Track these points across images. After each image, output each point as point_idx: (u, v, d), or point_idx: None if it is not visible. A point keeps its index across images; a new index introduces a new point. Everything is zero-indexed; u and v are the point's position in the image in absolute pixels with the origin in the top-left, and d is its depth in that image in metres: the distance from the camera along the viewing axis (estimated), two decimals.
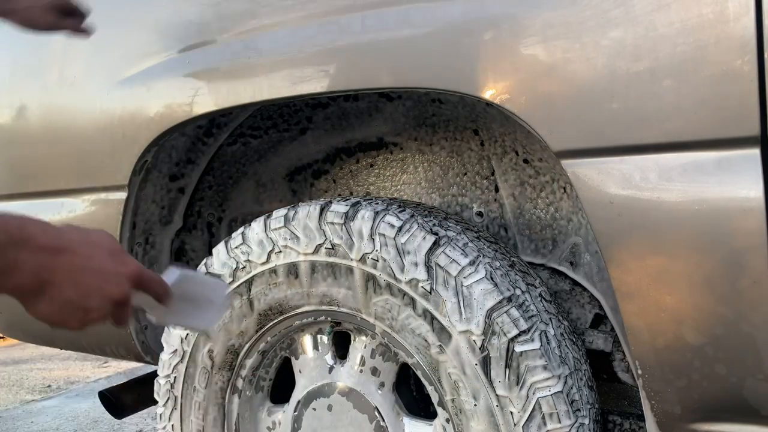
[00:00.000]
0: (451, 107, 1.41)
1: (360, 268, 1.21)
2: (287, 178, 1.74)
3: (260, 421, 1.48)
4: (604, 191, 1.01)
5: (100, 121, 1.53)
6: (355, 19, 1.20)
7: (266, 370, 1.47)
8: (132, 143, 1.50)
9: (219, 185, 1.77)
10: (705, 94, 0.93)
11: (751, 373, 0.96)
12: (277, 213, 1.32)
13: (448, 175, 1.54)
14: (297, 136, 1.65)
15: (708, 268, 0.95)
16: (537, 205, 1.43)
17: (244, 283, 1.35)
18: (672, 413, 1.05)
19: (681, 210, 0.96)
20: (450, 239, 1.17)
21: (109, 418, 3.15)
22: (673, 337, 1.00)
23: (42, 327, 1.99)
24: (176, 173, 1.67)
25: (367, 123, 1.56)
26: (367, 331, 1.32)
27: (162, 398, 1.50)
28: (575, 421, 1.12)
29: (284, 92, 1.30)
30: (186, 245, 1.81)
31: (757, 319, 0.93)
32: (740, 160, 0.92)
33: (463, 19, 1.10)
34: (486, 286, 1.12)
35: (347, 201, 1.27)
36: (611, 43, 0.98)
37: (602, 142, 1.01)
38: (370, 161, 1.64)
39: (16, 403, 3.72)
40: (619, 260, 1.02)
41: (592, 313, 1.40)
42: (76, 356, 4.64)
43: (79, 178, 1.63)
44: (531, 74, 1.05)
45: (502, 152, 1.45)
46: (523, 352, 1.10)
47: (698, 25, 0.92)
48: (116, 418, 1.90)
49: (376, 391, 1.32)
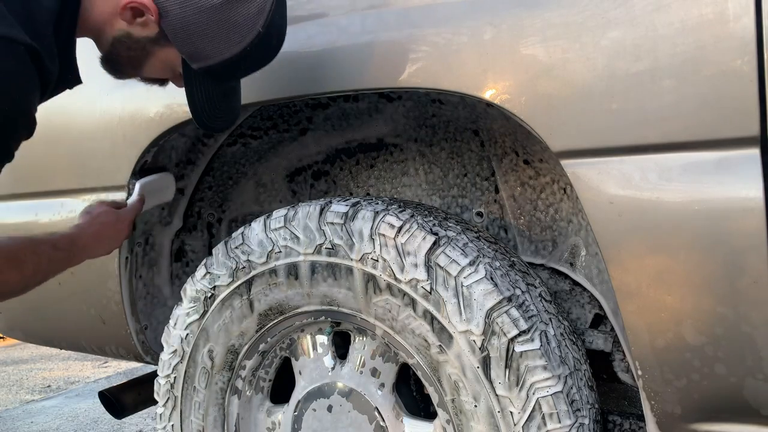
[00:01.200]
0: (451, 108, 1.41)
1: (360, 269, 1.21)
2: (287, 179, 1.74)
3: (260, 422, 1.48)
4: (604, 191, 1.01)
5: (100, 121, 1.53)
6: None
7: (266, 370, 1.47)
8: (132, 143, 1.50)
9: (219, 186, 1.77)
10: (705, 94, 0.93)
11: (751, 373, 0.96)
12: (277, 213, 1.32)
13: (448, 176, 1.54)
14: (297, 136, 1.65)
15: (708, 268, 0.95)
16: (537, 206, 1.43)
17: (244, 283, 1.35)
18: (672, 413, 1.05)
19: (681, 210, 0.96)
20: (450, 239, 1.17)
21: (109, 418, 3.15)
22: (673, 337, 1.00)
23: (42, 327, 1.97)
24: (176, 174, 1.67)
25: (367, 124, 1.56)
26: (367, 332, 1.32)
27: (162, 398, 1.50)
28: (575, 421, 1.12)
29: (282, 93, 1.31)
30: (186, 246, 1.81)
31: (757, 319, 0.94)
32: (740, 160, 0.92)
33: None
34: (486, 287, 1.12)
35: (347, 201, 1.27)
36: (611, 44, 0.98)
37: (602, 142, 1.01)
38: (371, 162, 1.64)
39: (16, 403, 3.72)
40: (619, 260, 1.02)
41: (592, 313, 1.40)
42: (76, 356, 4.64)
43: (79, 178, 1.63)
44: (530, 74, 1.05)
45: (503, 153, 1.45)
46: (523, 352, 1.10)
47: (698, 25, 0.93)
48: (116, 418, 1.90)
49: (376, 391, 1.32)
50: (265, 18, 1.03)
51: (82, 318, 1.72)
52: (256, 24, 1.02)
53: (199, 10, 1.00)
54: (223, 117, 1.20)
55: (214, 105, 1.14)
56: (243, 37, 1.03)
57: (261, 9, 1.03)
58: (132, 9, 1.03)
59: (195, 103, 1.13)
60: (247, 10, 1.01)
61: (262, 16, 1.03)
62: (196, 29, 1.02)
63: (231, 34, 1.02)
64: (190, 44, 1.04)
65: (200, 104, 1.13)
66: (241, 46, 1.04)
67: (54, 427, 3.24)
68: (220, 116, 1.18)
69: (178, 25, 1.02)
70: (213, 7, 1.00)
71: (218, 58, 1.04)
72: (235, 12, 1.01)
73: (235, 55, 1.04)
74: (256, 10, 1.02)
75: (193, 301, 1.42)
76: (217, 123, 1.20)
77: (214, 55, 1.04)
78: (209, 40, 1.02)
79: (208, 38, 1.02)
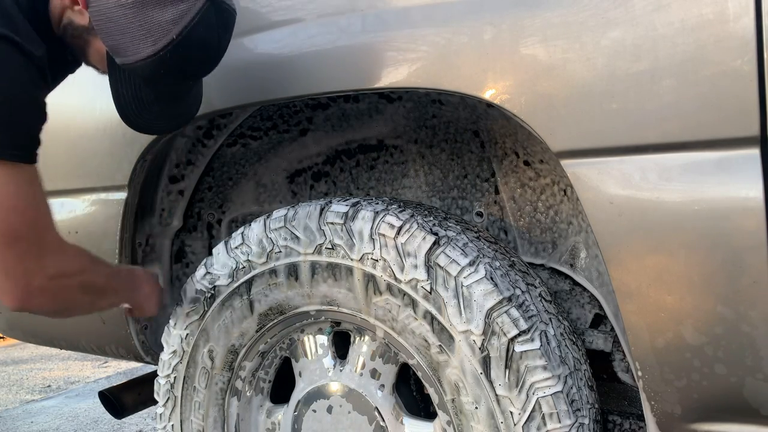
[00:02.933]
0: (451, 109, 1.41)
1: (360, 269, 1.21)
2: (287, 180, 1.74)
3: (260, 422, 1.48)
4: (604, 191, 1.00)
5: (100, 120, 1.53)
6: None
7: (266, 370, 1.46)
8: (132, 143, 1.50)
9: (219, 186, 1.77)
10: (705, 94, 0.93)
11: (751, 373, 0.96)
12: (277, 213, 1.32)
13: (448, 178, 1.54)
14: (297, 137, 1.65)
15: (708, 268, 0.95)
16: (537, 208, 1.43)
17: (244, 283, 1.35)
18: (672, 413, 1.05)
19: (681, 210, 0.96)
20: (450, 239, 1.17)
21: (109, 418, 3.15)
22: (673, 337, 1.00)
23: (42, 327, 1.97)
24: (176, 175, 1.67)
25: (367, 125, 1.56)
26: (367, 332, 1.32)
27: (162, 398, 1.50)
28: (575, 421, 1.12)
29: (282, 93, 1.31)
30: (186, 246, 1.81)
31: (757, 319, 0.93)
32: (740, 160, 0.92)
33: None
34: (486, 287, 1.12)
35: (347, 201, 1.27)
36: (611, 44, 0.98)
37: (602, 142, 1.01)
38: (371, 164, 1.64)
39: (16, 403, 3.72)
40: (619, 260, 1.02)
41: (592, 313, 1.40)
42: (76, 356, 4.65)
43: (79, 178, 1.63)
44: (530, 74, 1.05)
45: (503, 154, 1.45)
46: (523, 352, 1.10)
47: (698, 25, 0.93)
48: (116, 418, 1.90)
49: (376, 391, 1.32)
50: (182, 27, 1.06)
51: (82, 318, 1.72)
52: (170, 31, 1.05)
53: (117, 5, 1.04)
54: (160, 120, 1.22)
55: (143, 105, 1.17)
56: (156, 41, 1.06)
57: (178, 18, 1.06)
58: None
59: (120, 97, 1.15)
60: (162, 16, 1.05)
61: (179, 25, 1.06)
62: (114, 24, 1.06)
63: (145, 36, 1.06)
64: (110, 38, 1.08)
65: (125, 100, 1.15)
66: (154, 49, 1.07)
67: (54, 427, 3.24)
68: (153, 118, 1.20)
69: (99, 17, 1.07)
70: (127, 5, 1.04)
71: (135, 57, 1.08)
72: (150, 14, 1.04)
73: (149, 56, 1.07)
74: (172, 17, 1.05)
75: (193, 301, 1.42)
76: (150, 124, 1.22)
77: (131, 53, 1.07)
78: (126, 36, 1.06)
79: (125, 35, 1.06)
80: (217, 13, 1.11)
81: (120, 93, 1.15)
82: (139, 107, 1.16)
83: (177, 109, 1.24)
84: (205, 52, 1.14)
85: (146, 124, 1.22)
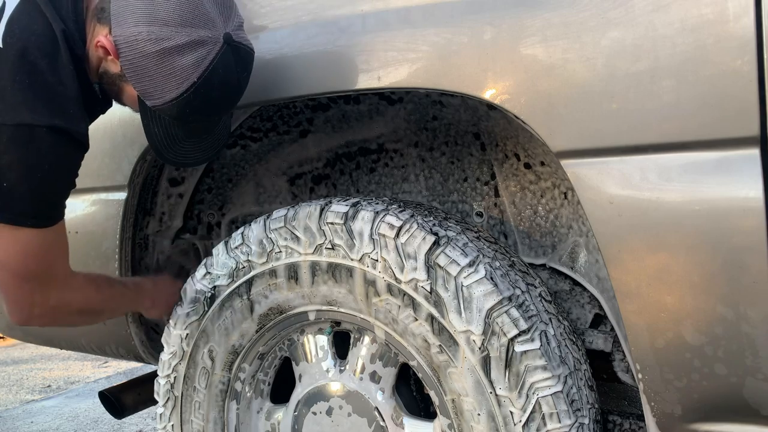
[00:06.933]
0: (452, 110, 1.41)
1: (360, 269, 1.21)
2: (288, 182, 1.74)
3: (260, 422, 1.48)
4: (604, 191, 1.01)
5: (100, 121, 1.53)
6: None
7: (266, 371, 1.46)
8: (132, 143, 1.50)
9: (218, 187, 1.77)
10: (705, 94, 0.93)
11: (751, 373, 0.96)
12: (277, 213, 1.32)
13: (448, 181, 1.54)
14: (297, 138, 1.65)
15: (708, 268, 0.95)
16: (537, 211, 1.43)
17: (244, 283, 1.35)
18: (672, 413, 1.05)
19: (681, 210, 0.96)
20: (450, 239, 1.17)
21: (109, 418, 3.15)
22: (673, 337, 1.00)
23: (42, 328, 1.98)
24: (176, 177, 1.67)
25: (368, 126, 1.56)
26: (367, 332, 1.32)
27: (162, 398, 1.50)
28: (575, 421, 1.12)
29: (282, 93, 1.31)
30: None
31: (757, 319, 0.93)
32: (740, 160, 0.92)
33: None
34: (486, 287, 1.12)
35: (347, 201, 1.27)
36: (611, 44, 0.98)
37: (602, 142, 1.01)
38: (371, 166, 1.64)
39: (16, 403, 3.72)
40: (619, 260, 1.02)
41: (592, 313, 1.40)
42: (76, 356, 4.64)
43: (79, 178, 1.62)
44: (530, 74, 1.05)
45: (504, 157, 1.44)
46: (523, 352, 1.10)
47: (698, 25, 0.93)
48: (116, 418, 1.90)
49: (376, 392, 1.32)
50: (202, 70, 1.15)
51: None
52: (192, 75, 1.15)
53: (142, 55, 1.14)
54: (191, 155, 1.32)
55: (175, 142, 1.27)
56: (179, 85, 1.15)
57: (198, 62, 1.14)
58: (102, 48, 1.19)
59: (152, 136, 1.26)
60: (183, 62, 1.14)
61: (199, 69, 1.14)
62: (142, 71, 1.16)
63: (169, 80, 1.15)
64: (139, 83, 1.18)
65: (157, 138, 1.26)
66: (178, 92, 1.16)
67: (54, 427, 3.24)
68: (184, 153, 1.30)
69: (129, 66, 1.17)
70: (151, 54, 1.14)
71: (162, 100, 1.18)
72: (173, 61, 1.14)
73: (174, 99, 1.17)
74: (192, 62, 1.14)
75: (193, 301, 1.42)
76: (184, 157, 1.32)
77: (158, 96, 1.18)
78: (153, 82, 1.16)
79: (152, 81, 1.16)
80: (234, 54, 1.18)
81: (152, 132, 1.25)
82: (171, 143, 1.27)
83: (206, 142, 1.32)
84: (225, 91, 1.22)
85: (179, 157, 1.31)
